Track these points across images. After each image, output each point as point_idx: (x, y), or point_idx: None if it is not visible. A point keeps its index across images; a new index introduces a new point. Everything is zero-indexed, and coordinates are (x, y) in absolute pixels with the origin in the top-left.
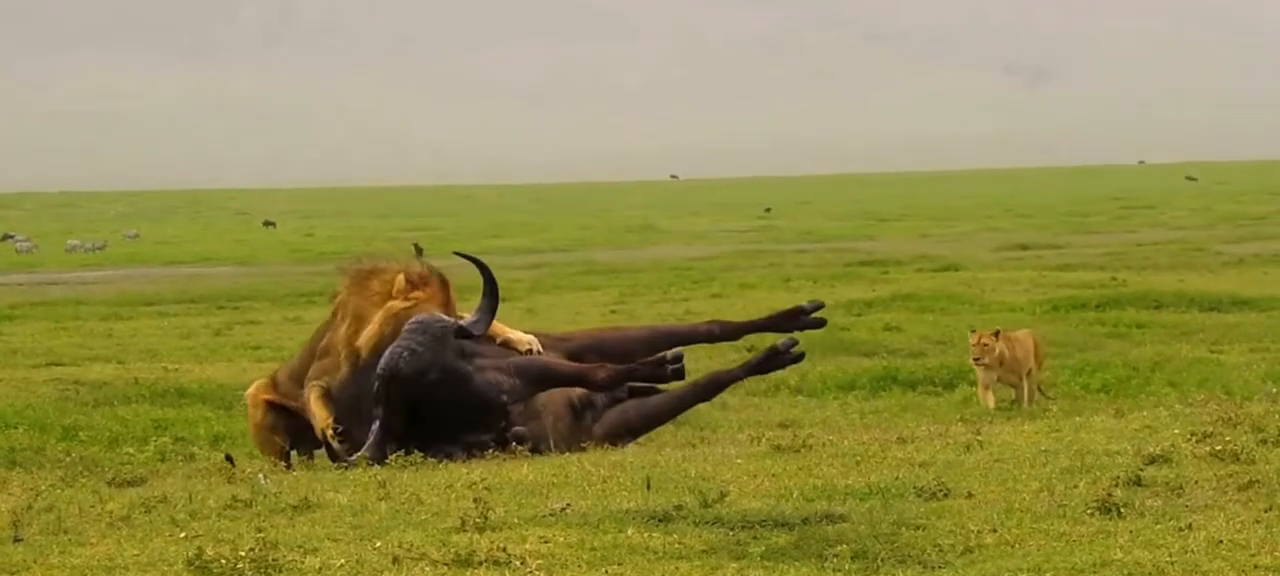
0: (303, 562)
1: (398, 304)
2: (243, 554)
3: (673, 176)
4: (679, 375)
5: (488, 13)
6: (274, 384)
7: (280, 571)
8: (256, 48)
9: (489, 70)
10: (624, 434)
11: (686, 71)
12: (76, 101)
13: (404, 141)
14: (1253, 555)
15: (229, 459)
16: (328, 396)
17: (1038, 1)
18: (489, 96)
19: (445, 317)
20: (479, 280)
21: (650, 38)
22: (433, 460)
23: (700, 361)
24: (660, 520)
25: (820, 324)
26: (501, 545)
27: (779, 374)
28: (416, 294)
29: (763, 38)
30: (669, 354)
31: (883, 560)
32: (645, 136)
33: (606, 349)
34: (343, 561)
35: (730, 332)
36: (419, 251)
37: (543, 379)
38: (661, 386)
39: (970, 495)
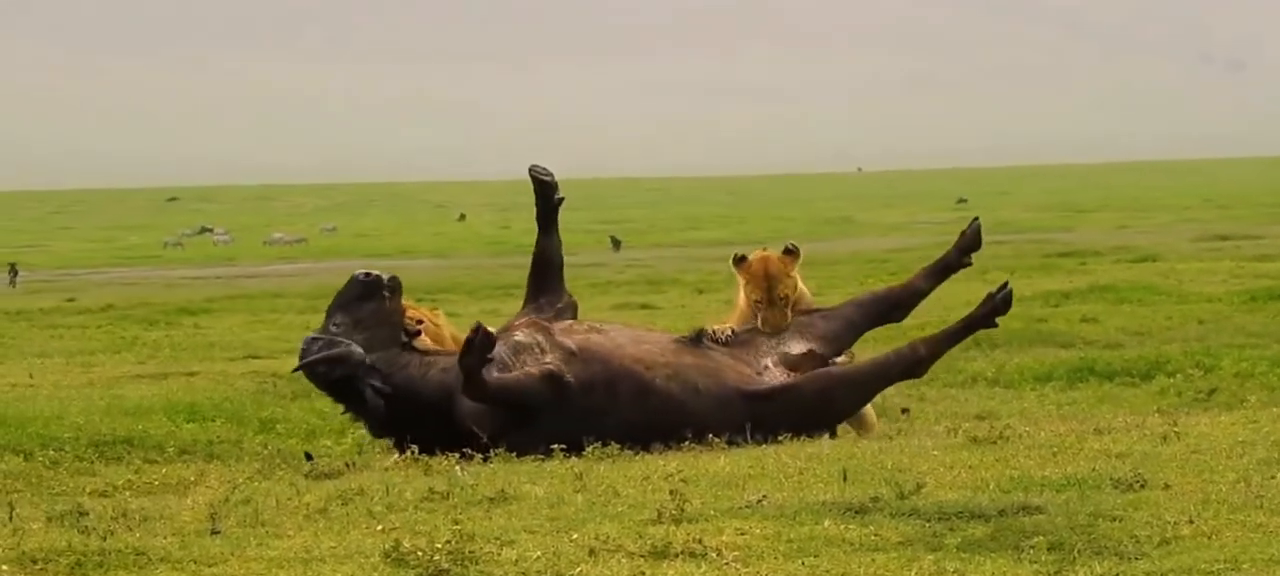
0: (499, 554)
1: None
2: (439, 546)
3: (858, 169)
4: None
5: (672, 12)
6: None
7: (477, 563)
8: (444, 45)
9: (676, 69)
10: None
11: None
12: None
13: (597, 135)
14: None
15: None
16: None
17: None
18: (678, 93)
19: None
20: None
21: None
22: (629, 452)
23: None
24: (856, 512)
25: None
26: (697, 537)
27: (975, 365)
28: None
29: (951, 30)
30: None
31: (1079, 552)
32: (831, 129)
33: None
34: (539, 553)
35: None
36: (617, 244)
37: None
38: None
39: (1167, 486)
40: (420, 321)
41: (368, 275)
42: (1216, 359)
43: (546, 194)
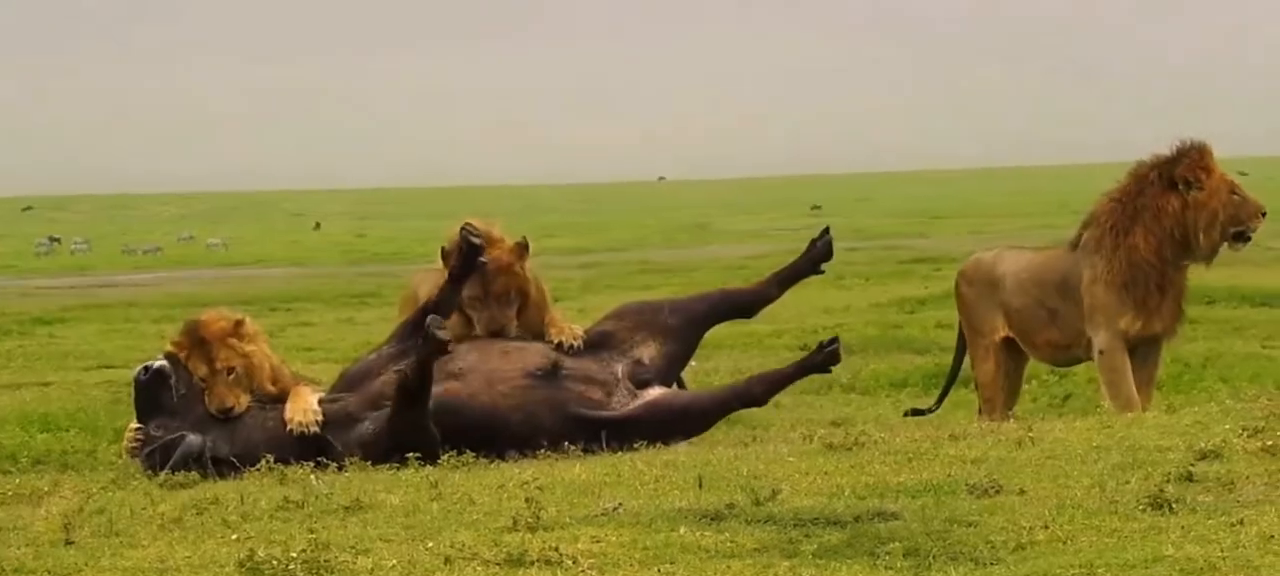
0: (355, 563)
1: None
2: (294, 555)
3: (660, 178)
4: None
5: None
6: None
7: (332, 572)
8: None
9: (522, 77)
10: (663, 423)
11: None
12: (135, 105)
13: (449, 142)
14: None
15: None
16: None
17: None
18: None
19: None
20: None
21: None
22: (484, 460)
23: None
24: (712, 519)
25: (828, 252)
26: (553, 544)
27: (832, 372)
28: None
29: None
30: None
31: (935, 557)
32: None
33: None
34: (395, 562)
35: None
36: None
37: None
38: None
39: (1022, 492)
40: (232, 370)
41: (146, 370)
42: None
43: (472, 255)
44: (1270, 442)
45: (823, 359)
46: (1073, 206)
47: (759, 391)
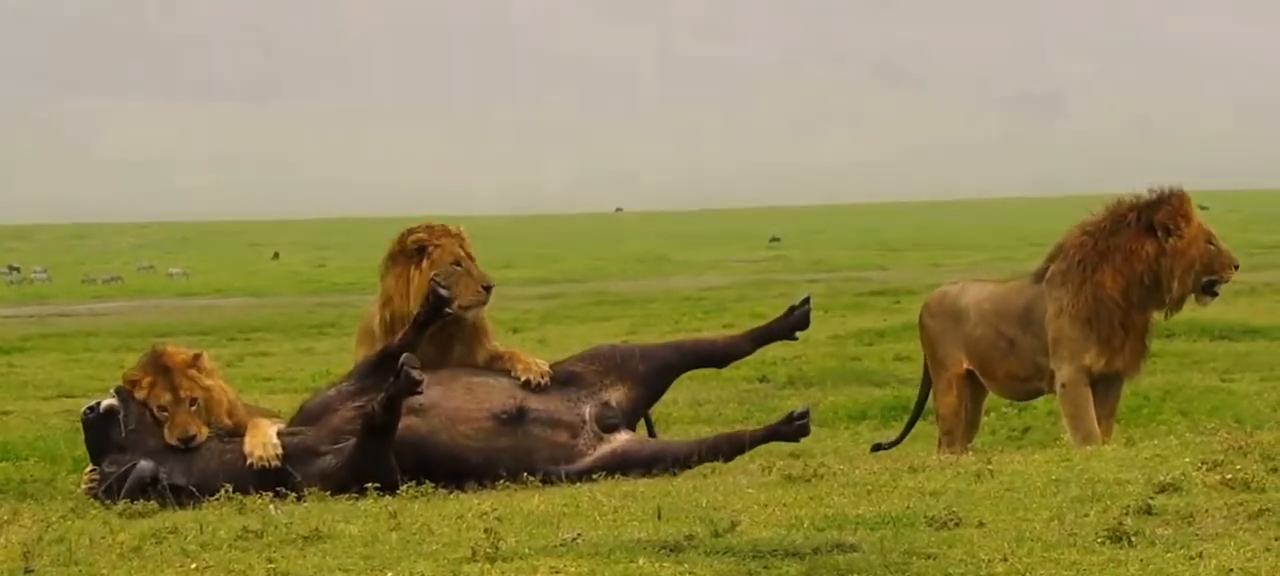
0: None
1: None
2: None
3: (618, 209)
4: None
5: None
6: None
7: None
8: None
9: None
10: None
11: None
12: (88, 139)
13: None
14: None
15: None
16: None
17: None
18: (489, 138)
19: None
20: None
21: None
22: (443, 490)
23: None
24: (671, 550)
25: (805, 322)
26: (512, 575)
27: (790, 403)
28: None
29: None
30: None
31: None
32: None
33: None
34: None
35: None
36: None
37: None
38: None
39: (981, 524)
40: (194, 401)
41: (92, 409)
42: None
43: (438, 308)
44: (1229, 476)
45: (792, 430)
46: (1030, 239)
47: (724, 450)
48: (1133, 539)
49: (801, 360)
